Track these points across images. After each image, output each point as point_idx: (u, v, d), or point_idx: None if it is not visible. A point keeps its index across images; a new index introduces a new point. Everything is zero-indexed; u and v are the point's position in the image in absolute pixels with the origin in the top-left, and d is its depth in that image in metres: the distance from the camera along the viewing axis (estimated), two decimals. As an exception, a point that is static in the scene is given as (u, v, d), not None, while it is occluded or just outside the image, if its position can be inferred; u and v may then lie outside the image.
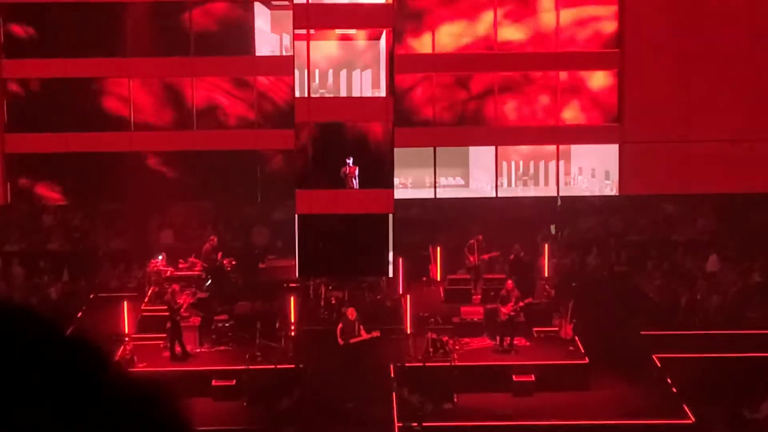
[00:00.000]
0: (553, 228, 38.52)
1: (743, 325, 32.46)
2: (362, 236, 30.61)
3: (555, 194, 29.81)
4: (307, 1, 29.55)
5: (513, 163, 30.17)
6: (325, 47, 30.96)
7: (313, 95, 30.56)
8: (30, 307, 2.21)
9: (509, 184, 30.46)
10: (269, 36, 31.39)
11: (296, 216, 30.44)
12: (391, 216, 30.42)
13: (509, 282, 30.57)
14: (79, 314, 33.11)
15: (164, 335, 29.81)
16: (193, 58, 30.43)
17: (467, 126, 30.18)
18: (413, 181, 32.05)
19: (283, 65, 30.60)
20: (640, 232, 39.04)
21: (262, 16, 30.94)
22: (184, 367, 28.75)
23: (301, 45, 29.86)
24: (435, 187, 30.43)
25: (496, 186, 30.00)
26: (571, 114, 29.80)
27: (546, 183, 30.18)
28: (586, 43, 29.65)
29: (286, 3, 30.39)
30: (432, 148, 30.27)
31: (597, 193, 30.04)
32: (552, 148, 29.71)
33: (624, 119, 29.49)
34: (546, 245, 35.38)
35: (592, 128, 29.68)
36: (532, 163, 30.22)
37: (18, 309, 2.17)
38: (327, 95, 31.51)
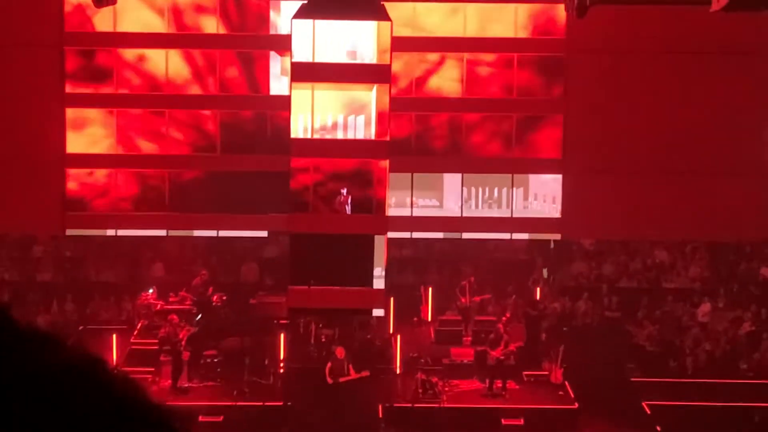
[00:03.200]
0: (545, 272, 38.54)
1: (734, 374, 32.41)
2: (350, 253, 31.51)
3: (517, 215, 34.98)
4: (313, 59, 31.29)
5: (480, 189, 34.73)
6: (322, 94, 32.32)
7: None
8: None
9: (476, 206, 34.78)
10: (279, 78, 34.36)
11: (290, 235, 32.46)
12: (383, 238, 31.78)
13: (500, 325, 30.53)
14: (68, 346, 32.92)
15: (152, 369, 29.65)
16: (220, 95, 34.58)
17: (439, 156, 34.66)
18: (396, 201, 34.29)
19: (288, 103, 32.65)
20: (632, 278, 39.05)
21: (274, 61, 34.66)
22: (172, 401, 28.57)
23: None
24: (412, 206, 34.56)
25: (462, 207, 34.50)
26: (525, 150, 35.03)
27: (508, 206, 34.85)
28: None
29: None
30: (410, 174, 34.46)
31: (546, 215, 34.90)
32: (515, 176, 34.76)
33: (566, 154, 34.43)
34: (538, 289, 35.39)
35: (541, 161, 34.62)
36: (496, 189, 34.77)
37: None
38: (327, 136, 32.36)
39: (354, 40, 32.08)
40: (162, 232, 36.22)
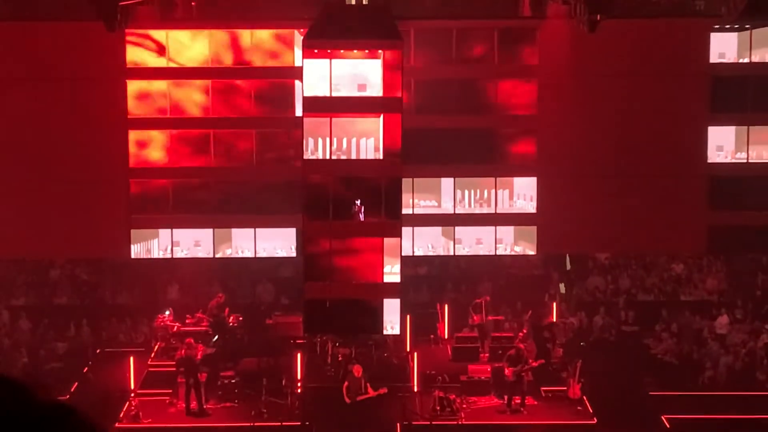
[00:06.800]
0: (562, 286, 38.45)
1: (754, 386, 32.24)
2: (361, 251, 32.13)
3: (505, 212, 38.05)
4: (329, 94, 31.91)
5: (472, 191, 37.97)
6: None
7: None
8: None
9: (469, 206, 37.80)
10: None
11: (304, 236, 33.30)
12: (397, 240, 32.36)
13: (520, 344, 30.46)
14: (86, 369, 33.02)
15: (169, 391, 29.66)
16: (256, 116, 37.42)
17: (434, 164, 37.70)
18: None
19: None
20: (648, 291, 38.93)
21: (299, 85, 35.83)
22: (190, 423, 28.58)
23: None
24: (413, 207, 37.18)
25: (454, 206, 37.71)
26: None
27: (496, 205, 38.15)
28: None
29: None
30: (411, 179, 36.55)
31: (524, 211, 37.92)
32: (502, 180, 38.14)
33: (540, 161, 37.95)
34: (554, 304, 35.31)
35: (518, 166, 38.12)
36: (486, 190, 37.95)
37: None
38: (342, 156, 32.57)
39: (363, 71, 32.22)
40: (176, 254, 36.51)
